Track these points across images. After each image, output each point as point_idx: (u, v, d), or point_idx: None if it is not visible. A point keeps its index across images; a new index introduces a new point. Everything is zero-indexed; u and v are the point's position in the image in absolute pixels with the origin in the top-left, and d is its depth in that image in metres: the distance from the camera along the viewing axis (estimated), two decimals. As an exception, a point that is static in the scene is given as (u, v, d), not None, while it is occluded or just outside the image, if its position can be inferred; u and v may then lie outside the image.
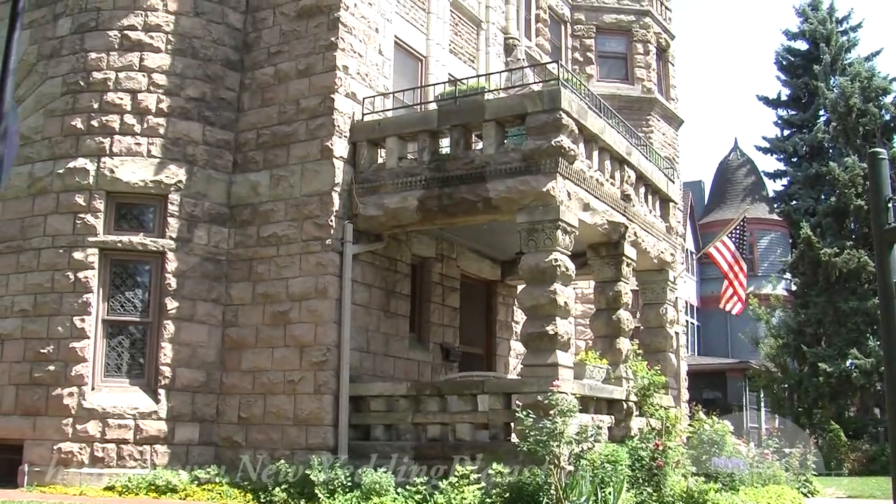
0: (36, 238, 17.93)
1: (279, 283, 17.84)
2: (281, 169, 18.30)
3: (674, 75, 33.99)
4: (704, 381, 43.57)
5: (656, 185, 21.24)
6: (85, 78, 18.33)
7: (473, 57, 23.89)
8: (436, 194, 17.09)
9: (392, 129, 18.03)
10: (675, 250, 22.82)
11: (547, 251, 16.08)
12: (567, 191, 16.39)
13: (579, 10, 31.67)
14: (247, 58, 19.43)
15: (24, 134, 18.51)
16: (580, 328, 26.59)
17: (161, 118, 18.23)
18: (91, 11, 18.74)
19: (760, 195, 55.71)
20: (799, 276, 40.98)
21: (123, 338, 17.76)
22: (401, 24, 20.72)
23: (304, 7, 18.83)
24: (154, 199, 18.09)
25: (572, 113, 16.50)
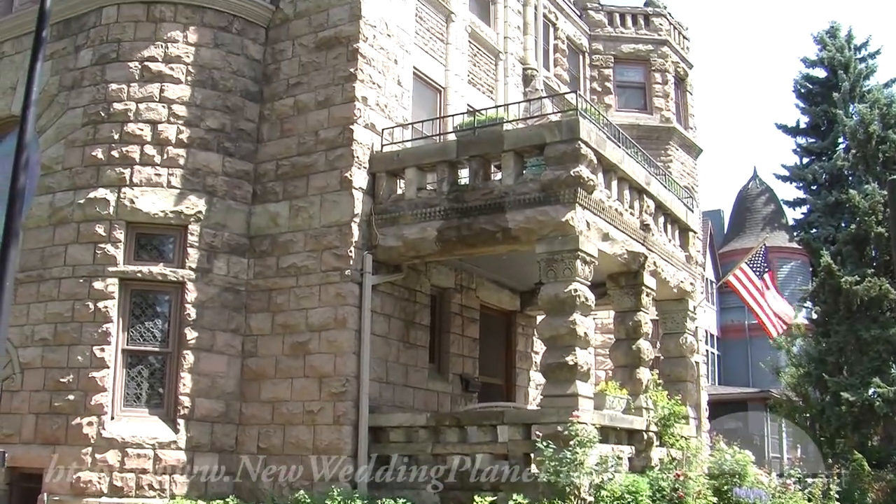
0: (56, 268, 18.02)
1: (298, 313, 17.85)
2: (300, 200, 18.35)
3: (692, 104, 33.98)
4: (725, 411, 43.27)
5: (675, 215, 21.19)
6: (105, 109, 18.45)
7: (492, 87, 23.94)
8: (455, 225, 17.09)
9: (411, 159, 18.07)
10: (694, 280, 22.73)
11: (566, 281, 16.05)
12: (586, 221, 16.37)
13: (597, 40, 31.74)
14: (266, 89, 19.53)
15: (45, 164, 18.66)
16: (600, 358, 26.49)
17: (181, 149, 18.32)
18: (112, 43, 18.88)
19: (780, 223, 55.44)
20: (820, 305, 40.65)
21: (143, 367, 17.78)
22: (419, 55, 20.79)
23: (323, 39, 18.93)
24: (174, 230, 18.15)
25: (591, 143, 16.51)
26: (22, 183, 9.99)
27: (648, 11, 32.88)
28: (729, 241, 57.04)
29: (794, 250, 52.87)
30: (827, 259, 38.62)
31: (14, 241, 9.80)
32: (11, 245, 9.76)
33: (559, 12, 29.28)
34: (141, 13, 18.99)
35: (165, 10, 18.99)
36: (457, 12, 22.36)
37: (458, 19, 22.38)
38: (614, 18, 32.35)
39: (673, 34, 33.29)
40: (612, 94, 31.28)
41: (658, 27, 32.65)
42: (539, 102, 21.48)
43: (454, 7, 22.30)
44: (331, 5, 19.04)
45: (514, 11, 25.51)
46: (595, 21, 31.96)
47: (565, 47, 29.45)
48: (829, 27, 50.00)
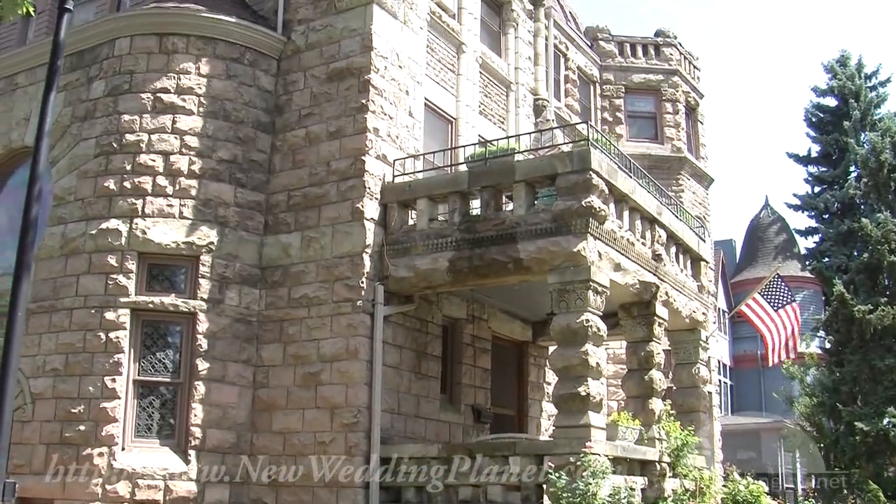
0: (68, 298, 18.04)
1: (310, 344, 17.82)
2: (312, 230, 18.36)
3: (703, 134, 33.99)
4: (738, 441, 43.03)
5: (687, 245, 21.16)
6: (118, 140, 18.52)
7: (503, 118, 23.98)
8: (466, 255, 17.08)
9: (423, 190, 18.08)
10: (706, 309, 22.66)
11: (578, 312, 16.02)
12: (598, 251, 16.35)
13: (608, 70, 31.80)
14: (278, 120, 19.59)
15: (58, 195, 18.75)
16: (612, 389, 26.40)
17: (193, 180, 18.36)
18: (124, 74, 18.98)
19: (792, 253, 55.33)
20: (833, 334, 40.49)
21: (154, 398, 17.76)
22: (431, 86, 20.85)
23: (334, 70, 19.00)
24: (186, 261, 18.17)
25: (602, 173, 16.51)
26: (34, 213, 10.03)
27: (659, 41, 32.94)
28: (741, 270, 56.89)
29: (806, 279, 52.72)
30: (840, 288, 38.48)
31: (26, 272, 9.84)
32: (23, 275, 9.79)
33: (570, 43, 29.36)
34: (153, 45, 19.10)
35: (178, 42, 19.10)
36: (468, 43, 22.44)
37: (469, 50, 22.45)
38: (625, 49, 32.42)
39: (683, 64, 33.34)
40: (623, 123, 31.30)
41: (668, 57, 32.70)
42: (550, 133, 21.49)
43: (465, 38, 22.37)
44: (342, 37, 19.12)
45: (525, 42, 25.59)
46: (606, 51, 32.02)
47: (576, 77, 29.52)
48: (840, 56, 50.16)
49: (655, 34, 33.29)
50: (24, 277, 9.83)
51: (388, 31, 19.27)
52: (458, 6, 22.54)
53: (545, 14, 26.82)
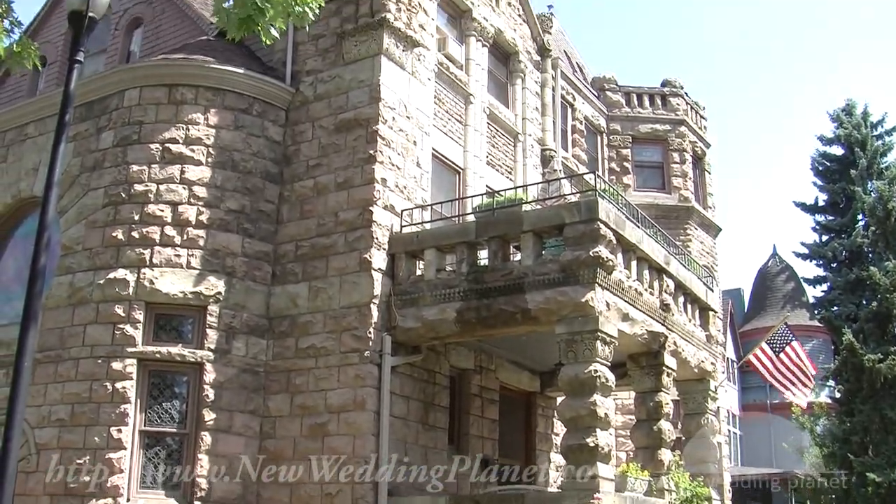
0: (75, 348, 18.00)
1: (317, 394, 17.74)
2: (320, 281, 18.35)
3: (710, 183, 34.01)
4: (748, 492, 42.66)
5: (695, 294, 21.10)
6: (126, 190, 18.58)
7: (511, 168, 24.03)
8: (474, 306, 17.05)
9: (430, 241, 18.09)
10: (715, 359, 22.55)
11: (586, 362, 15.97)
12: (606, 301, 16.31)
13: (615, 120, 31.91)
14: (286, 170, 19.65)
15: (66, 244, 18.75)
16: (621, 439, 26.20)
17: (201, 230, 18.39)
18: (133, 125, 19.08)
19: (801, 302, 55.11)
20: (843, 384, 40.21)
21: (160, 449, 17.65)
22: (438, 136, 20.92)
23: (342, 121, 19.08)
24: (193, 311, 18.15)
25: (610, 223, 16.51)
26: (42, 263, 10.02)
27: (665, 91, 33.07)
28: (749, 319, 56.66)
29: (815, 328, 52.44)
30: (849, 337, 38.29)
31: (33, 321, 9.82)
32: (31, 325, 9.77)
33: (577, 93, 29.49)
34: (162, 95, 19.23)
35: (187, 93, 19.22)
36: (475, 94, 22.55)
37: (476, 101, 22.56)
38: (631, 99, 32.55)
39: (690, 114, 33.45)
40: (630, 173, 31.34)
41: (675, 107, 32.82)
42: (558, 183, 21.55)
43: (473, 89, 22.49)
44: (350, 88, 19.24)
45: (533, 93, 25.72)
46: (612, 101, 32.15)
47: (583, 128, 29.63)
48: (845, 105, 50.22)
49: (662, 84, 33.43)
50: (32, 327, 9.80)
51: (395, 82, 19.39)
52: (466, 57, 22.68)
53: (552, 65, 26.97)
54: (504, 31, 24.46)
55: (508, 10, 25.15)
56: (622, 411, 26.46)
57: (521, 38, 25.44)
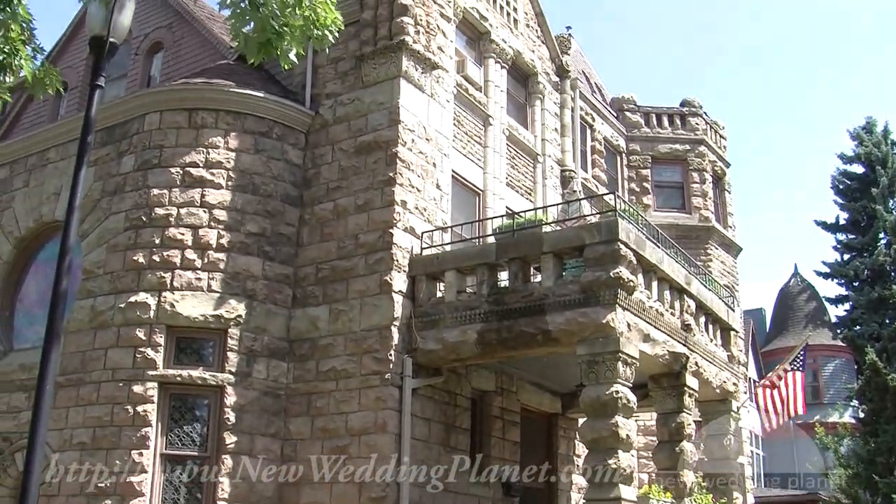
0: (96, 371, 18.04)
1: (338, 417, 17.71)
2: (340, 303, 18.35)
3: (730, 203, 33.92)
4: (773, 514, 42.29)
5: (717, 314, 21.00)
6: (147, 213, 18.65)
7: (530, 189, 24.02)
8: (495, 328, 17.01)
9: (451, 262, 18.08)
10: (737, 379, 22.41)
11: (608, 383, 15.89)
12: (627, 322, 16.24)
13: (634, 140, 31.88)
14: (306, 193, 19.69)
15: (87, 268, 18.81)
16: (643, 461, 26.06)
17: (221, 253, 18.43)
18: (154, 149, 19.17)
19: (823, 321, 54.77)
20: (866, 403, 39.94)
21: (181, 472, 17.63)
22: (458, 158, 20.94)
23: (362, 143, 19.13)
24: (214, 334, 18.18)
25: (630, 244, 16.46)
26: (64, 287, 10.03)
27: (685, 111, 33.04)
28: (771, 339, 56.33)
29: (838, 348, 52.15)
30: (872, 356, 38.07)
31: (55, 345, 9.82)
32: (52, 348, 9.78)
33: (596, 114, 29.49)
34: (183, 120, 19.32)
35: (207, 117, 19.31)
36: (495, 116, 22.58)
37: (496, 123, 22.58)
38: (651, 119, 32.53)
39: (710, 133, 33.40)
40: (650, 193, 31.29)
41: (695, 127, 32.78)
42: (577, 204, 21.50)
43: (492, 111, 22.52)
44: (370, 110, 19.29)
45: (552, 114, 25.72)
46: (632, 122, 32.14)
47: (603, 148, 29.61)
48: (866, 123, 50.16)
49: (681, 104, 33.42)
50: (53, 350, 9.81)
51: (415, 104, 19.43)
52: (485, 79, 22.71)
53: (571, 86, 26.98)
54: (523, 53, 24.50)
55: (527, 32, 25.20)
56: (644, 432, 26.33)
57: (539, 60, 25.48)
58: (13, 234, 21.56)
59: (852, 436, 41.11)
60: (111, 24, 10.80)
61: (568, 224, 19.12)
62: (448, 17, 21.29)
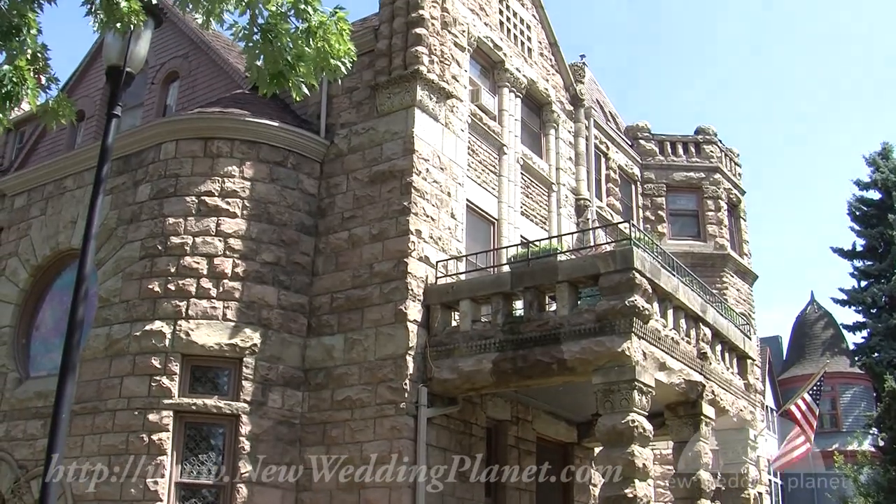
0: (112, 399, 18.06)
1: (353, 446, 17.67)
2: (355, 333, 18.35)
3: (746, 230, 33.85)
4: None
5: (733, 342, 20.92)
6: (163, 242, 18.72)
7: (545, 218, 24.02)
8: (510, 357, 16.98)
9: (465, 292, 18.08)
10: (754, 408, 22.32)
11: (624, 412, 15.83)
12: (643, 351, 16.20)
13: (649, 169, 31.87)
14: (321, 222, 19.74)
15: (103, 296, 18.90)
16: (660, 490, 25.92)
17: (237, 282, 18.47)
18: (170, 178, 19.25)
19: (840, 348, 54.47)
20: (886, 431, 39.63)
21: (196, 501, 17.61)
22: (472, 187, 20.97)
23: (377, 172, 19.18)
24: (229, 363, 18.19)
25: (645, 272, 16.43)
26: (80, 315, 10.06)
27: (699, 139, 33.04)
28: (789, 367, 56.02)
29: (856, 375, 51.82)
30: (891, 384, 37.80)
31: (71, 373, 9.85)
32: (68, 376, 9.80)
33: (610, 142, 29.51)
34: (198, 149, 19.41)
35: (222, 146, 19.39)
36: (509, 145, 22.62)
37: (510, 152, 22.62)
38: (665, 147, 32.53)
39: (724, 161, 33.37)
40: (665, 222, 31.25)
41: (709, 154, 32.77)
42: (592, 232, 21.50)
43: (506, 140, 22.56)
44: (384, 140, 19.35)
45: (566, 143, 25.76)
46: (646, 150, 32.15)
47: (617, 177, 29.61)
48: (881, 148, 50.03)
49: (696, 132, 33.41)
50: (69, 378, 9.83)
51: (429, 133, 19.48)
52: (499, 108, 22.77)
53: (585, 114, 27.04)
54: (537, 82, 24.56)
55: (541, 61, 25.27)
56: (660, 461, 26.18)
57: (553, 89, 25.54)
58: (30, 262, 21.66)
59: (872, 464, 40.80)
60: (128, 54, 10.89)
61: (583, 253, 19.14)
62: (462, 47, 21.38)
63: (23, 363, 21.07)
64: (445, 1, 20.64)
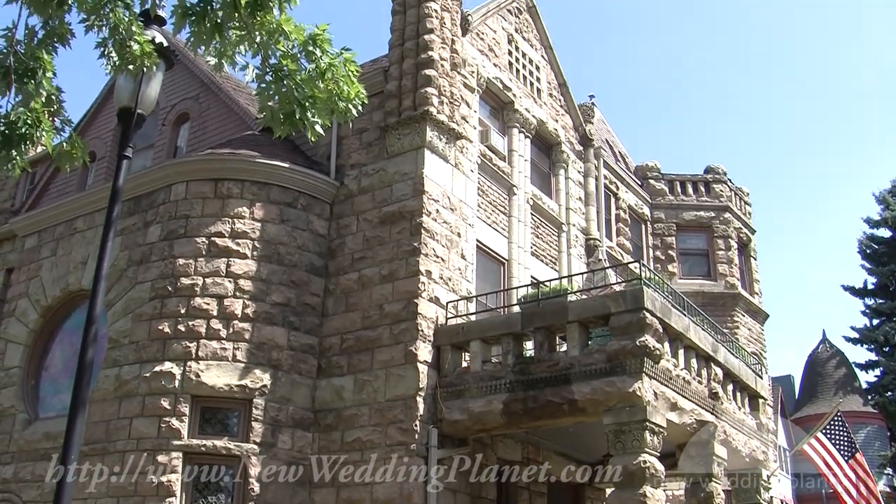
0: (121, 441, 17.99)
1: (363, 488, 17.56)
2: (365, 374, 18.29)
3: (756, 269, 33.79)
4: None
5: (744, 382, 20.82)
6: (173, 283, 18.72)
7: (555, 258, 24.00)
8: (520, 397, 16.90)
9: (476, 332, 18.03)
10: (767, 448, 22.16)
11: (635, 453, 15.72)
12: (654, 391, 16.12)
13: (659, 208, 31.87)
14: (331, 263, 19.74)
15: (112, 337, 18.89)
16: (672, 531, 25.70)
17: (247, 323, 18.45)
18: (180, 219, 19.29)
19: (853, 387, 54.16)
20: (900, 472, 39.46)
21: (206, 543, 17.52)
22: (483, 228, 20.97)
23: (386, 213, 19.19)
24: (238, 404, 18.13)
25: (656, 312, 16.38)
26: (90, 356, 10.02)
27: (709, 178, 33.07)
28: (801, 406, 55.71)
29: (869, 415, 51.47)
30: (905, 424, 37.56)
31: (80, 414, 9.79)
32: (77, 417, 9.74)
33: (620, 182, 29.53)
34: (209, 190, 19.45)
35: (233, 187, 19.43)
36: (519, 185, 22.65)
37: (520, 192, 22.64)
38: (675, 186, 32.56)
39: (734, 200, 33.37)
40: (675, 261, 31.22)
41: (719, 194, 32.78)
42: (602, 272, 21.45)
43: (516, 180, 22.59)
44: (394, 181, 19.38)
45: (576, 183, 25.78)
46: (656, 190, 32.17)
47: (627, 216, 29.61)
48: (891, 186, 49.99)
49: (705, 171, 33.44)
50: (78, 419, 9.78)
51: (439, 174, 19.51)
52: (509, 149, 22.82)
53: (595, 154, 27.08)
54: (546, 122, 24.63)
55: (550, 101, 25.35)
56: (673, 502, 25.99)
57: (563, 129, 25.60)
58: (40, 302, 21.69)
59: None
60: (139, 96, 10.91)
61: (593, 293, 19.07)
62: (472, 88, 21.46)
63: (31, 404, 21.05)
64: (455, 42, 20.74)
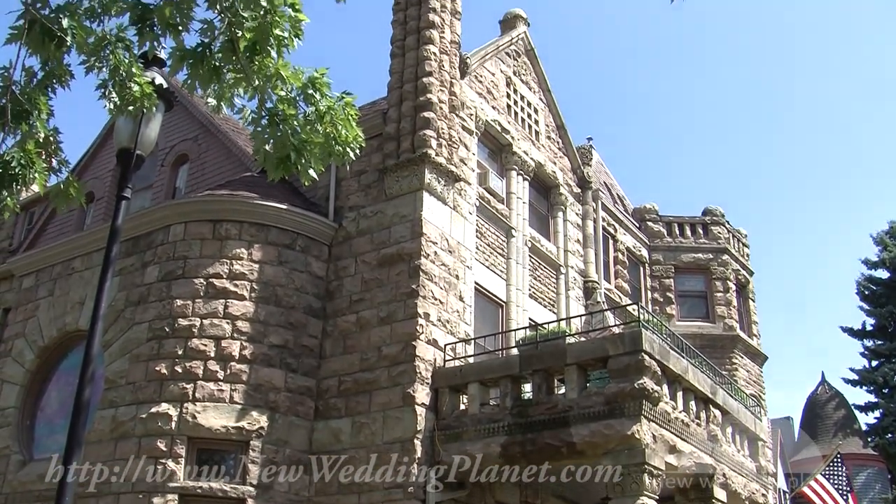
0: (116, 482, 17.86)
1: (360, 531, 17.46)
2: (363, 416, 18.23)
3: (755, 311, 33.76)
4: None
5: (744, 424, 20.76)
6: (170, 324, 18.69)
7: (553, 300, 23.98)
8: (519, 440, 16.84)
9: (474, 375, 17.99)
10: (766, 490, 22.05)
11: (634, 496, 15.66)
12: (652, 433, 16.06)
13: (657, 250, 31.90)
14: (329, 305, 19.72)
15: (109, 378, 18.84)
16: (671, 575, 25.50)
17: (244, 365, 18.40)
18: (178, 260, 19.29)
19: (853, 429, 53.85)
20: (900, 515, 39.23)
21: (202, 587, 17.37)
22: (481, 270, 20.97)
23: (385, 255, 19.20)
24: (235, 445, 18.05)
25: (654, 354, 16.36)
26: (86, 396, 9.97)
27: (707, 220, 33.12)
28: (801, 449, 55.37)
29: (869, 457, 51.15)
30: (905, 466, 37.39)
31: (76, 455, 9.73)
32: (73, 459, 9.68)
33: (618, 224, 29.58)
34: (207, 231, 19.47)
35: (231, 228, 19.45)
36: (517, 227, 22.68)
37: (518, 235, 22.68)
38: (673, 228, 32.60)
39: (732, 242, 33.40)
40: (673, 303, 31.20)
41: (717, 235, 32.82)
42: (601, 315, 21.44)
43: (514, 223, 22.63)
44: (392, 223, 19.40)
45: (574, 225, 25.82)
46: (654, 232, 32.21)
47: (625, 259, 29.62)
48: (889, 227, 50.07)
49: (703, 213, 33.50)
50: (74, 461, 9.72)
51: (437, 217, 19.54)
52: (507, 191, 22.88)
53: (593, 197, 27.14)
54: (544, 165, 24.71)
55: (548, 144, 25.44)
56: (672, 546, 25.81)
57: (561, 171, 25.67)
58: (36, 342, 21.64)
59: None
60: (138, 137, 10.94)
61: (591, 335, 19.06)
62: (470, 130, 21.54)
63: (26, 445, 20.94)
64: (454, 85, 20.85)
